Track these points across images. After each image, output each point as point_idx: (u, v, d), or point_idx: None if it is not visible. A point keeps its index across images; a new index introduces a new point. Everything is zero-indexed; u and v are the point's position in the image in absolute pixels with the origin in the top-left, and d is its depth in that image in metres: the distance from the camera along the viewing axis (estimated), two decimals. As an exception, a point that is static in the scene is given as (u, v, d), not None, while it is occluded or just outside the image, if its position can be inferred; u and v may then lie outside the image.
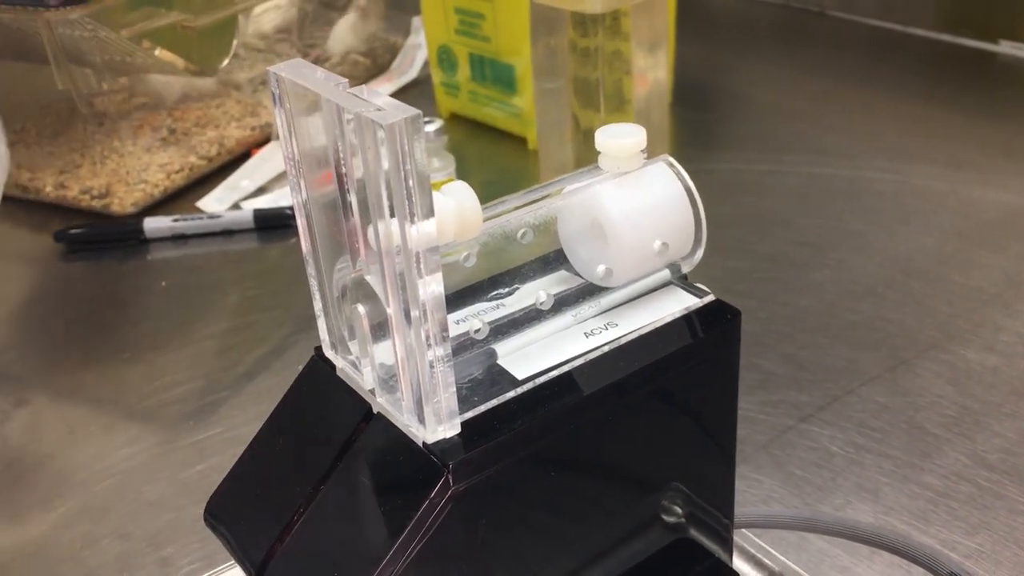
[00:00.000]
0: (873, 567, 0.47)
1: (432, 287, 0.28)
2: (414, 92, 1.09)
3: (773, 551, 0.47)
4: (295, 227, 0.34)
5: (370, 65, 1.14)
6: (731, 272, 0.72)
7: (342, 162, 0.30)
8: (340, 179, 0.31)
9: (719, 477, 0.41)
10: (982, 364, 0.60)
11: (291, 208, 0.84)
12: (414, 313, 0.29)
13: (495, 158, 0.95)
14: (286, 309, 0.73)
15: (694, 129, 0.98)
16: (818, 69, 1.10)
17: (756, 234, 0.77)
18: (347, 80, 0.29)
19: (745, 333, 0.37)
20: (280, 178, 0.92)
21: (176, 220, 0.84)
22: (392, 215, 0.27)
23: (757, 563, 0.47)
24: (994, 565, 0.47)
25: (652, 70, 0.85)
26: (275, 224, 0.84)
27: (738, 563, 0.47)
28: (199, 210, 0.88)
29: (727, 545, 0.43)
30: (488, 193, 0.36)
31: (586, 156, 0.84)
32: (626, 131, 0.35)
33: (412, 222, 0.27)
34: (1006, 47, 1.07)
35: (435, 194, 0.29)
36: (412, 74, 1.12)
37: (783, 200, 0.82)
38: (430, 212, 0.27)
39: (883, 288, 0.69)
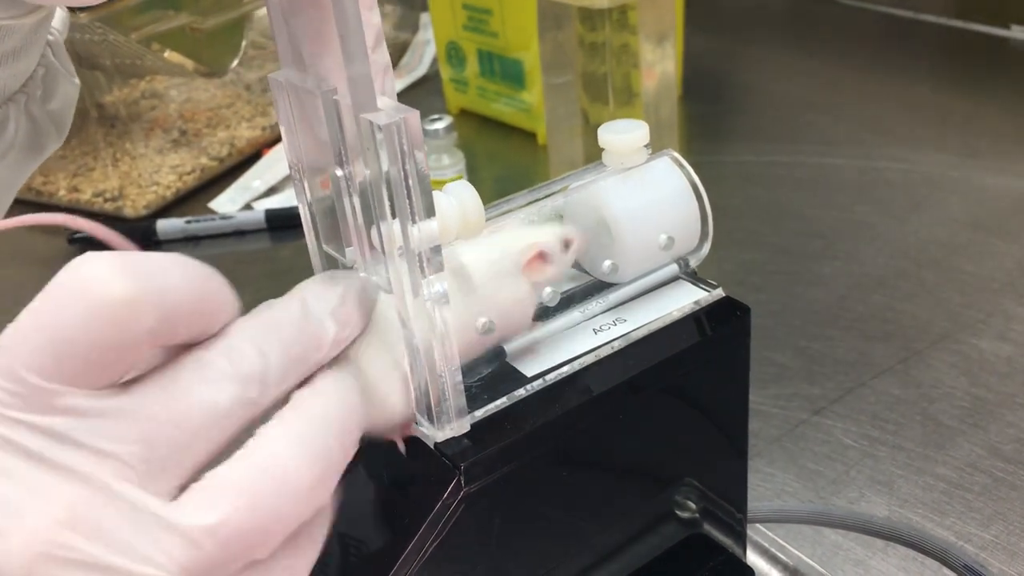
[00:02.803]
0: (888, 560, 0.47)
1: (436, 287, 0.28)
2: (423, 89, 1.09)
3: (787, 545, 0.47)
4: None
5: (379, 63, 1.14)
6: (743, 265, 0.72)
7: (344, 162, 0.30)
8: (342, 180, 0.31)
9: (731, 472, 0.41)
10: (995, 354, 0.60)
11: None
12: (419, 314, 0.29)
13: (505, 154, 0.95)
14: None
15: (703, 121, 0.98)
16: (827, 58, 1.09)
17: (767, 226, 0.77)
18: (348, 82, 0.29)
19: (757, 326, 0.37)
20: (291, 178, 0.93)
21: (189, 222, 0.84)
22: (394, 216, 0.27)
23: (771, 558, 0.47)
24: (1009, 556, 0.47)
25: (660, 63, 0.84)
26: (287, 224, 0.84)
27: (752, 558, 0.47)
28: (211, 211, 0.88)
29: (741, 540, 0.43)
30: (498, 189, 0.36)
31: (596, 150, 0.84)
32: (629, 127, 0.35)
33: (413, 222, 0.27)
34: (1018, 32, 1.06)
35: (436, 193, 0.29)
36: (421, 71, 1.12)
37: (793, 191, 0.82)
38: (431, 211, 0.27)
39: (894, 279, 0.69)
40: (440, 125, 0.84)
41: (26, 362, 0.22)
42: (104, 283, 0.23)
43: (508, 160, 0.94)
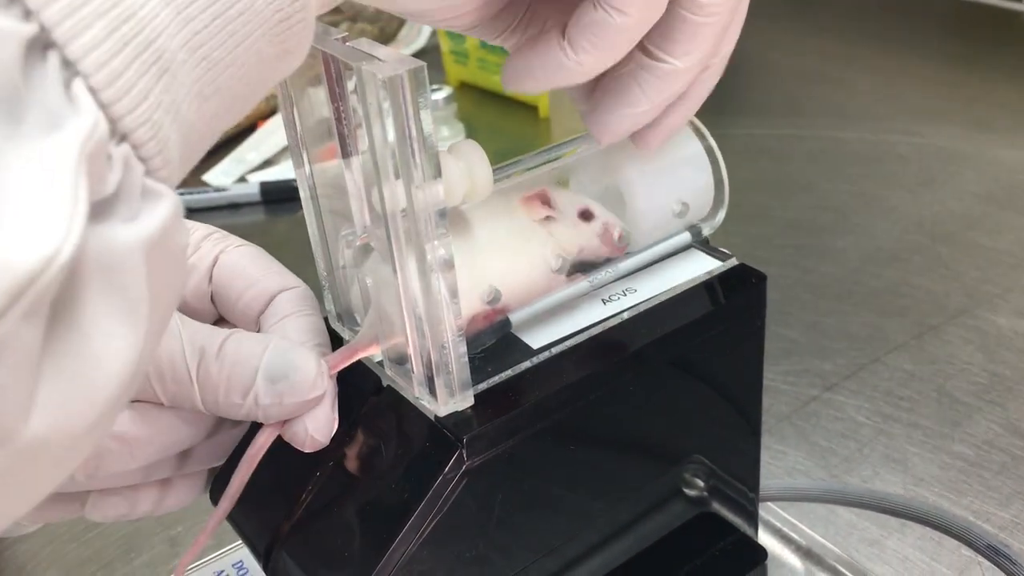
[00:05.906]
0: (904, 540, 0.46)
1: (441, 252, 0.27)
2: (422, 61, 1.07)
3: (800, 524, 0.46)
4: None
5: (377, 34, 1.12)
6: (751, 239, 0.70)
7: (344, 122, 0.28)
8: (342, 141, 0.29)
9: (744, 448, 0.40)
10: (1013, 330, 0.58)
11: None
12: (422, 281, 0.27)
13: (506, 127, 0.93)
14: (295, 283, 0.72)
15: (710, 94, 0.96)
16: (837, 30, 1.07)
17: (776, 200, 0.75)
18: (346, 32, 0.27)
19: (767, 301, 0.35)
20: (287, 150, 0.91)
21: (181, 194, 0.82)
22: (397, 177, 0.26)
23: (784, 537, 0.46)
24: (1030, 537, 0.45)
25: (666, 33, 0.82)
26: (282, 197, 0.83)
27: (764, 538, 0.46)
28: (205, 183, 0.86)
29: (752, 519, 0.41)
30: (500, 163, 0.34)
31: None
32: (644, 86, 0.33)
33: (418, 183, 0.25)
34: (1030, 5, 1.04)
35: (442, 154, 0.27)
36: (420, 42, 1.10)
37: (803, 165, 0.80)
38: (437, 172, 0.26)
39: (908, 253, 0.67)
40: (439, 96, 0.82)
41: None
42: None
43: (509, 133, 0.92)
